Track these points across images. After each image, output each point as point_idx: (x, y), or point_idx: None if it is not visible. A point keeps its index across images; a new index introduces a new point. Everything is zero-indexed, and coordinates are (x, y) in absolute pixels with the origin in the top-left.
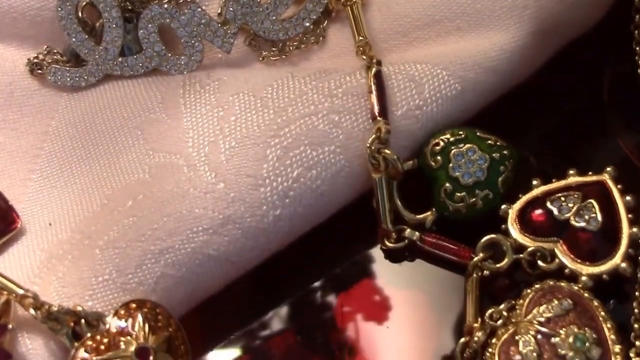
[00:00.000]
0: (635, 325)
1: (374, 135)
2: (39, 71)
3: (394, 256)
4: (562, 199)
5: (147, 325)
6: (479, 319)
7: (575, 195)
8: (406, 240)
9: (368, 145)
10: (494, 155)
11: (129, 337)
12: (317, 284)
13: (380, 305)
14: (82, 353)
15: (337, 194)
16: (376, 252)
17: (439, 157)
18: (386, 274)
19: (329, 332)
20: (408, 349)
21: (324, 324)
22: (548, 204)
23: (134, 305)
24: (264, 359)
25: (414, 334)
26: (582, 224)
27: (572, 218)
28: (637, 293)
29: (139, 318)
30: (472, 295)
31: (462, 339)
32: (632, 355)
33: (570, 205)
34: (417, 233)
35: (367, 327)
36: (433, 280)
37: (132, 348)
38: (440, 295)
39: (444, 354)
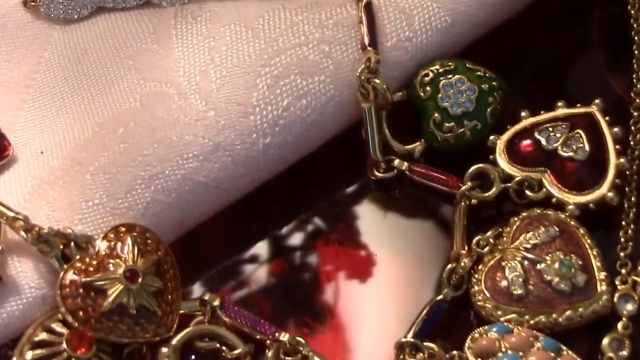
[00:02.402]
0: (621, 254)
1: (363, 65)
2: (32, 3)
3: (382, 186)
4: (550, 129)
5: (136, 249)
6: (466, 247)
7: (563, 126)
8: (395, 171)
9: (358, 74)
10: (482, 86)
11: (118, 260)
12: (303, 216)
13: (367, 236)
14: (71, 275)
15: (327, 123)
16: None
17: (428, 88)
18: (374, 207)
19: (312, 262)
20: (395, 278)
21: (307, 255)
22: (536, 134)
23: (123, 229)
24: (245, 292)
25: (402, 264)
26: (570, 154)
27: (559, 148)
28: (623, 222)
29: (128, 241)
30: (460, 224)
31: (449, 266)
32: (617, 282)
33: (558, 135)
34: (405, 163)
35: (352, 258)
36: (421, 213)
37: (121, 270)
38: (427, 229)
39: (430, 283)
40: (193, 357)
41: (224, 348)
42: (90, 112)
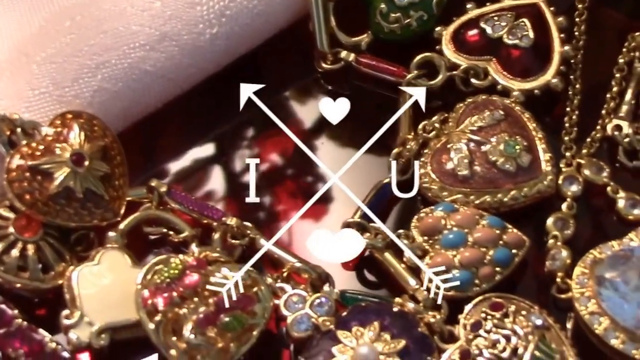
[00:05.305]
0: (566, 138)
1: None
2: None
3: (329, 79)
4: (496, 18)
5: (82, 134)
6: (412, 132)
7: (509, 15)
8: (342, 62)
9: None
10: None
11: (64, 144)
12: (252, 112)
13: (314, 127)
14: (17, 159)
15: (274, 14)
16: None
17: None
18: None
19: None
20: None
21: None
22: (482, 24)
23: (70, 116)
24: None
25: (350, 155)
26: (515, 42)
27: (505, 36)
28: (568, 109)
29: (75, 127)
30: (406, 111)
31: (395, 150)
32: (562, 165)
33: (504, 24)
34: (352, 54)
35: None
36: (368, 106)
37: (67, 154)
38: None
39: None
40: None
41: (171, 233)
42: (37, 10)
